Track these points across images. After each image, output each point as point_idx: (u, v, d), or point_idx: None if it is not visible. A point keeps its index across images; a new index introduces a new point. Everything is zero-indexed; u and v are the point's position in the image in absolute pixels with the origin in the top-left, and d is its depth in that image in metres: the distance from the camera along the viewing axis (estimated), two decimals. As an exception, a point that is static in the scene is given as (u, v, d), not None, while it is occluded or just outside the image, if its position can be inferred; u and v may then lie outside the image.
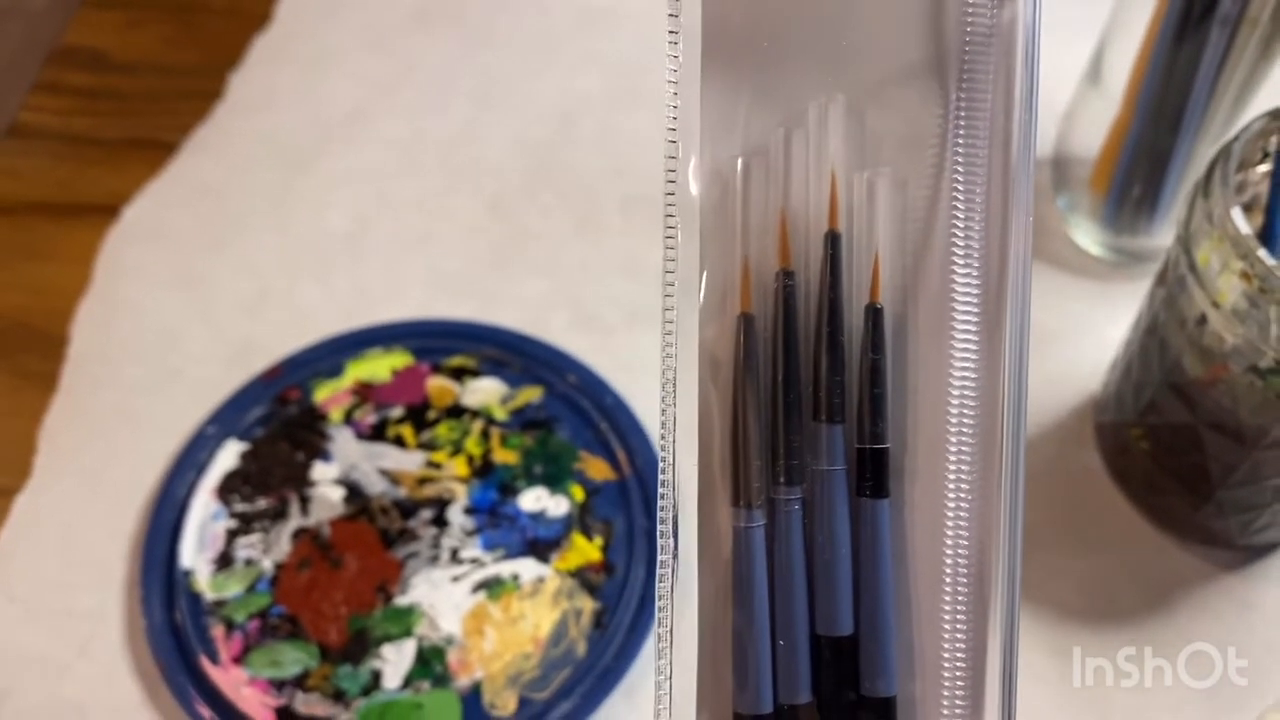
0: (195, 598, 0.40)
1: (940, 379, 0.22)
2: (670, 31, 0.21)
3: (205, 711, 0.38)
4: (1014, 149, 0.21)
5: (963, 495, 0.22)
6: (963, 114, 0.22)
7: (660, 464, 0.22)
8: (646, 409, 0.44)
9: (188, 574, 0.41)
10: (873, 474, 0.22)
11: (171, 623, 0.40)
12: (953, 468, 0.22)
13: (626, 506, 0.42)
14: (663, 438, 0.22)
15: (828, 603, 0.22)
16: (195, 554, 0.41)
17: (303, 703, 0.38)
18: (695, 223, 0.22)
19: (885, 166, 0.22)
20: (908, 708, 0.22)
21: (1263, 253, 0.31)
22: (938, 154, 0.22)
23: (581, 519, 0.42)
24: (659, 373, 0.22)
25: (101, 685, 0.39)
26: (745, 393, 0.22)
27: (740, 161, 0.22)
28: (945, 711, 0.22)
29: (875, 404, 0.22)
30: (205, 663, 0.39)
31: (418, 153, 0.53)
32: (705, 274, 0.22)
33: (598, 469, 0.43)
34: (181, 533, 0.42)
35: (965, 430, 0.22)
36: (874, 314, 0.22)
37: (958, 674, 0.22)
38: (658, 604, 0.22)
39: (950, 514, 0.22)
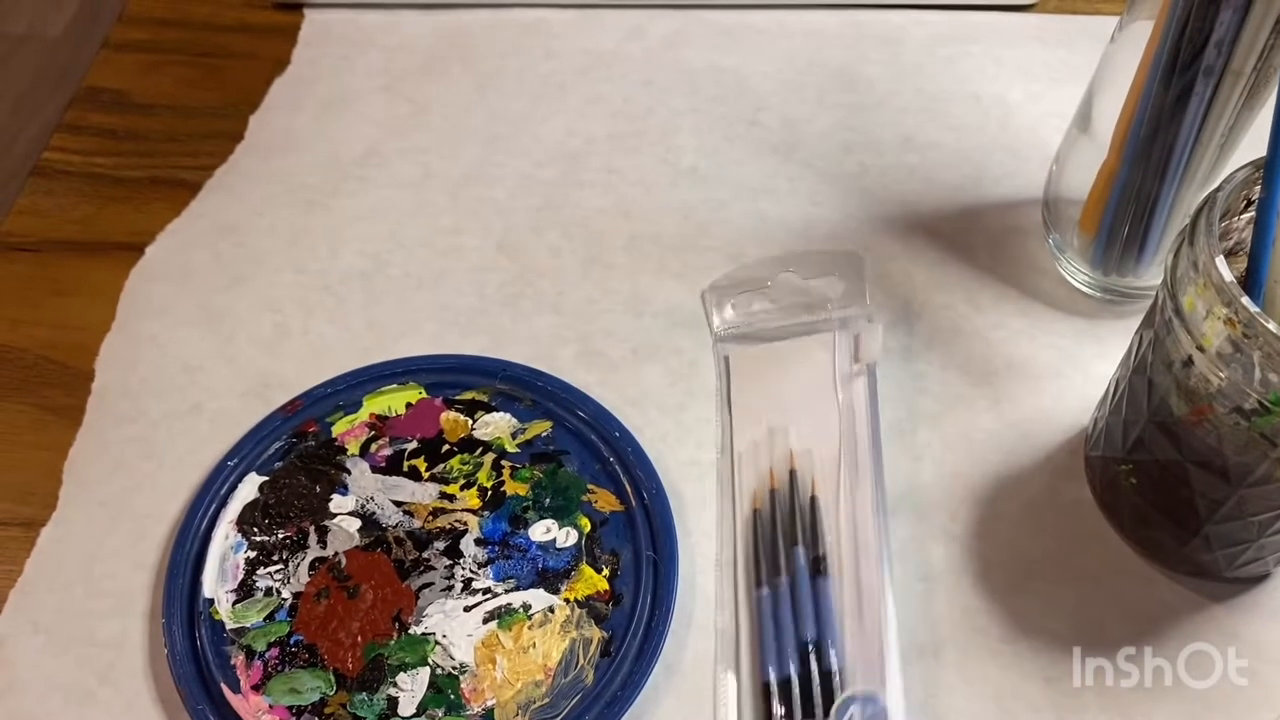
0: (216, 626, 0.42)
1: (843, 523, 0.44)
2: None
3: (226, 738, 0.39)
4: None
5: (860, 571, 0.43)
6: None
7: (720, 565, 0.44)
8: (652, 441, 0.46)
9: (209, 603, 0.42)
10: (818, 565, 0.43)
11: (193, 651, 0.41)
12: (851, 563, 0.43)
13: (633, 537, 0.44)
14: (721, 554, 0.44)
15: (804, 623, 0.41)
16: (216, 584, 0.43)
17: (320, 729, 0.39)
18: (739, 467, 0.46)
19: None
20: (842, 674, 0.40)
21: (1246, 300, 0.33)
22: (838, 448, 0.45)
23: (589, 549, 0.43)
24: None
25: (124, 713, 0.41)
26: (758, 538, 0.44)
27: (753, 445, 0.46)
28: (861, 675, 0.40)
29: (815, 537, 0.43)
30: (226, 690, 0.40)
31: (429, 193, 0.55)
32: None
33: (605, 500, 0.45)
34: (203, 563, 0.43)
35: (857, 545, 0.43)
36: (813, 500, 0.44)
37: (870, 653, 0.40)
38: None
39: (856, 582, 0.42)
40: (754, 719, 0.40)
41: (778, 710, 0.39)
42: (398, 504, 0.45)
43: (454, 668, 0.41)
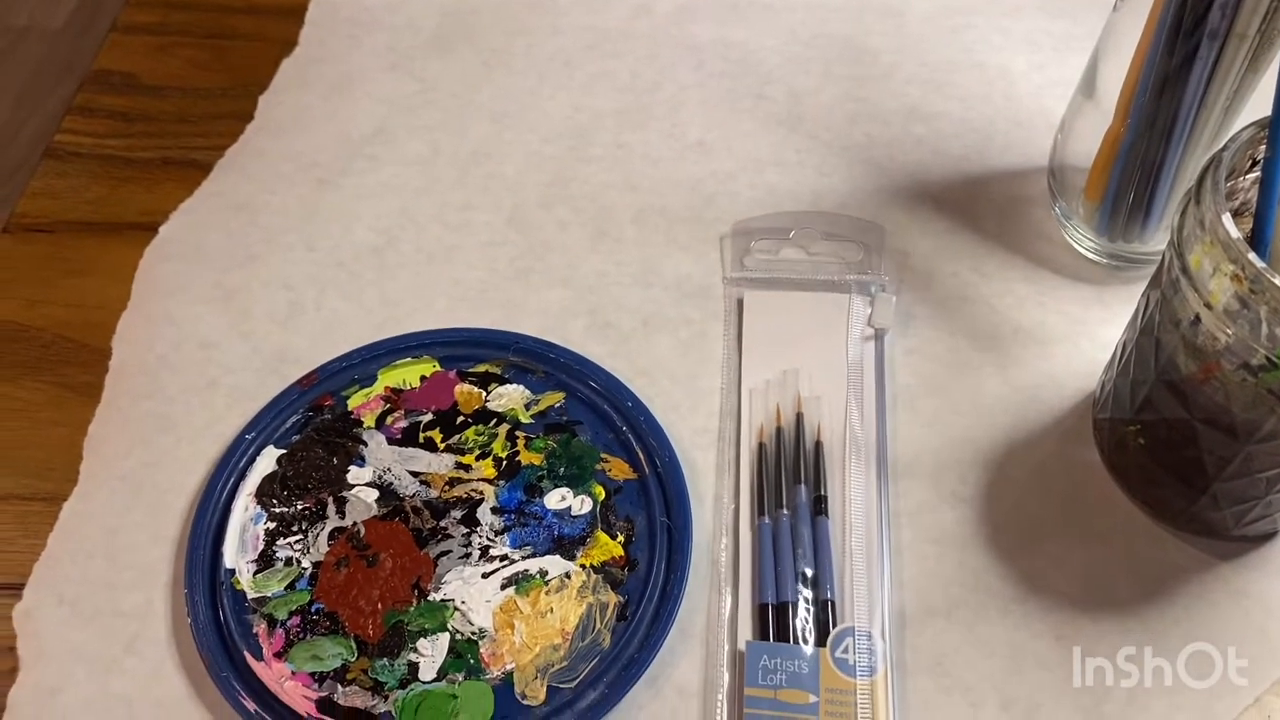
0: (238, 596, 0.42)
1: (845, 474, 0.45)
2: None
3: (250, 705, 0.40)
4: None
5: (853, 514, 0.44)
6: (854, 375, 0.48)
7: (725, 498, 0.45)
8: (664, 411, 0.47)
9: (230, 574, 0.43)
10: (819, 505, 0.44)
11: (215, 620, 0.42)
12: (848, 504, 0.44)
13: (647, 504, 0.44)
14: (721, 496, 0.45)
15: (803, 556, 0.43)
16: (237, 555, 0.43)
17: (343, 695, 0.40)
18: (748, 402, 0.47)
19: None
20: (838, 605, 0.41)
21: (1252, 256, 0.33)
22: (844, 403, 0.46)
23: (604, 517, 0.44)
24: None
25: (149, 681, 0.41)
26: (762, 471, 0.45)
27: (764, 383, 0.48)
28: (858, 609, 0.41)
29: (817, 477, 0.45)
30: (249, 658, 0.41)
31: (439, 169, 0.55)
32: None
33: (619, 469, 0.45)
34: (223, 535, 0.44)
35: (854, 487, 0.44)
36: (817, 445, 0.46)
37: (866, 597, 0.42)
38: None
39: (849, 521, 0.44)
40: (751, 639, 0.41)
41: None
42: (414, 474, 0.45)
43: (473, 633, 0.41)
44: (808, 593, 0.41)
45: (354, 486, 0.45)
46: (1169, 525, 0.43)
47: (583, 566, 0.43)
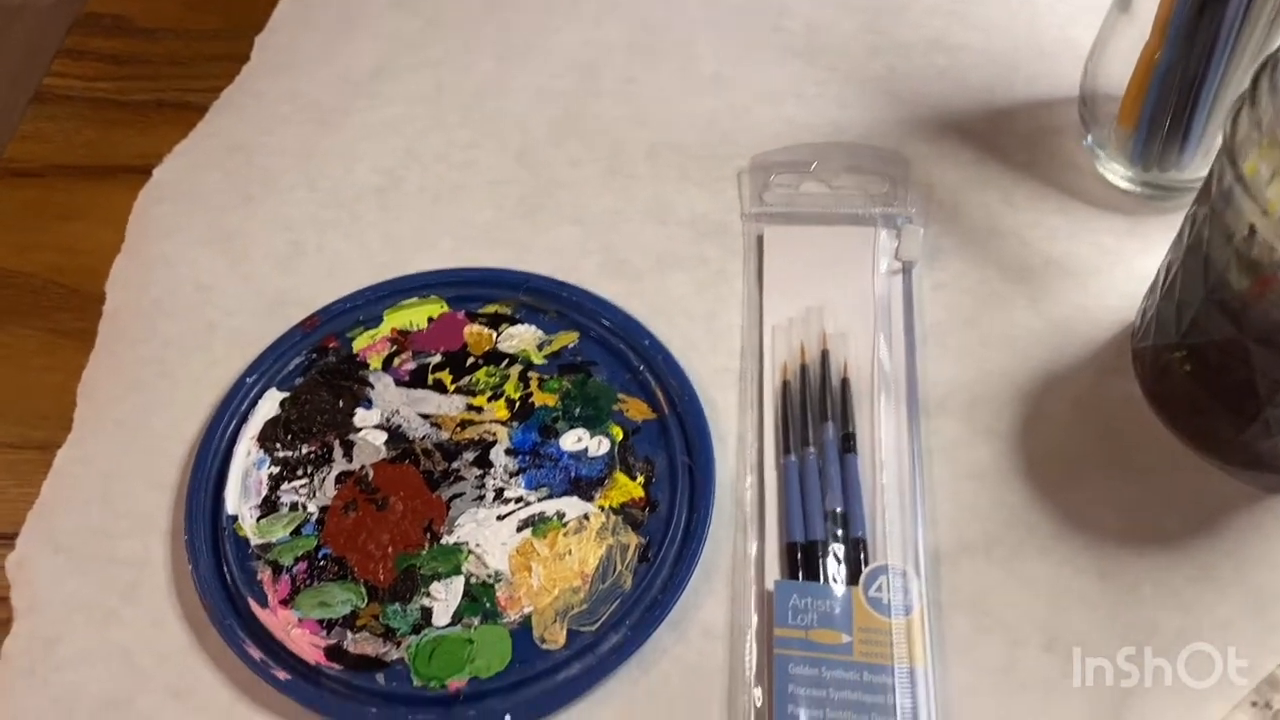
0: (240, 543, 0.40)
1: (874, 411, 0.43)
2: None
3: (255, 653, 0.38)
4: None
5: (883, 451, 0.42)
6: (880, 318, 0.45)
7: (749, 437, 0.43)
8: (682, 350, 0.45)
9: (232, 520, 0.41)
10: (847, 443, 0.42)
11: (218, 568, 0.40)
12: (878, 441, 0.42)
13: (667, 444, 0.42)
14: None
15: (832, 494, 0.41)
16: (239, 501, 0.41)
17: (352, 642, 0.38)
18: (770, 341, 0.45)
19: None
20: (870, 544, 0.40)
21: (1314, 157, 0.31)
22: (872, 339, 0.45)
23: (623, 457, 0.42)
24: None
25: (149, 630, 0.39)
26: (787, 409, 0.43)
27: (787, 320, 0.46)
28: (891, 547, 0.40)
29: (845, 414, 0.43)
30: (253, 606, 0.39)
31: (443, 107, 0.53)
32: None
33: (637, 409, 0.43)
34: (224, 480, 0.42)
35: (884, 424, 0.43)
36: (844, 382, 0.44)
37: (899, 534, 0.40)
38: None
39: (878, 458, 0.42)
40: (780, 579, 0.39)
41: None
42: (424, 417, 0.43)
43: (489, 576, 0.39)
44: (838, 531, 0.39)
45: (361, 429, 0.43)
46: (1215, 458, 0.41)
47: (601, 508, 0.41)
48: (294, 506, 0.41)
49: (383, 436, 0.43)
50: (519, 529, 0.40)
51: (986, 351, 0.44)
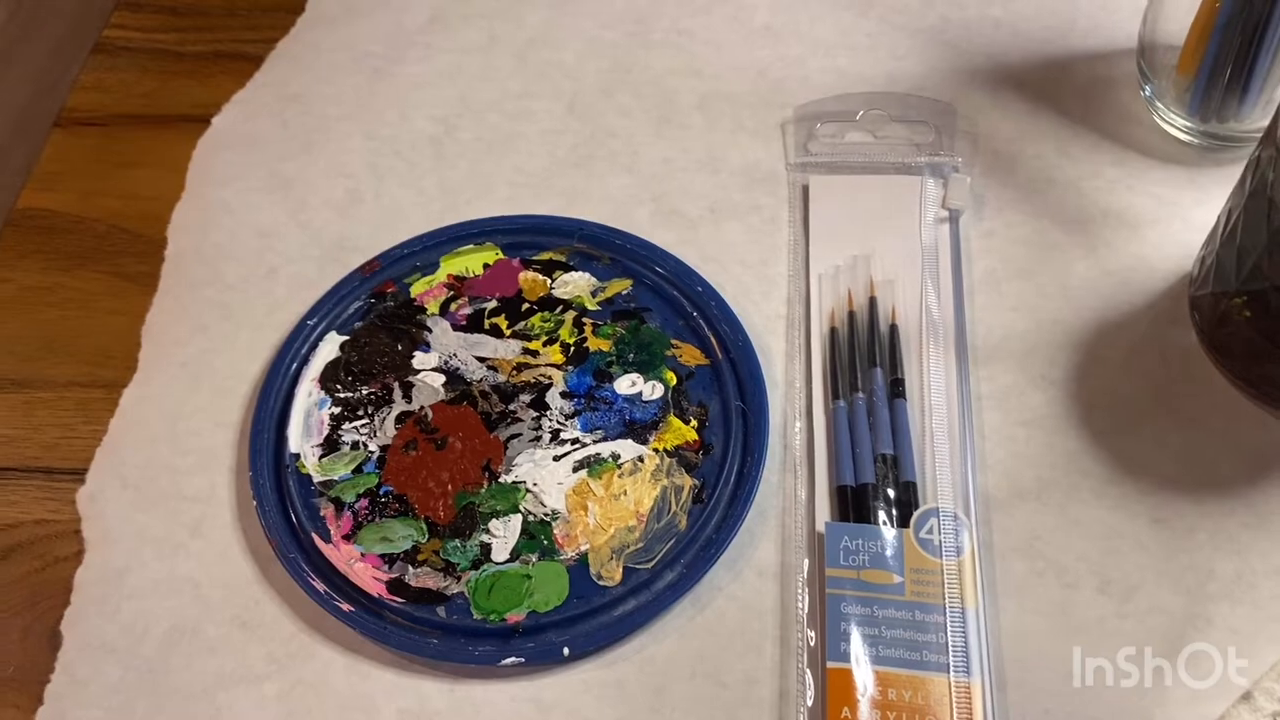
0: (303, 480, 0.41)
1: (924, 357, 0.43)
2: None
3: (320, 586, 0.39)
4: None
5: (932, 396, 0.42)
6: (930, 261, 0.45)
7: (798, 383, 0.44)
8: (735, 297, 0.45)
9: (295, 458, 0.42)
10: (896, 388, 0.42)
11: (281, 504, 0.41)
12: (927, 387, 0.43)
13: (720, 389, 0.43)
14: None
15: (881, 438, 0.41)
16: (301, 439, 0.42)
17: (414, 576, 0.39)
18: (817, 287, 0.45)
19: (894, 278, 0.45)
20: (920, 487, 0.40)
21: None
22: (920, 287, 0.45)
23: (677, 402, 0.42)
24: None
25: (215, 562, 0.40)
26: (835, 355, 0.44)
27: (834, 268, 0.46)
28: (942, 491, 0.40)
29: (894, 360, 0.43)
30: (317, 540, 0.40)
31: (496, 57, 0.54)
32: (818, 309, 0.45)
33: (690, 355, 0.44)
34: (287, 420, 0.43)
35: (933, 370, 0.43)
36: (893, 328, 0.44)
37: (950, 478, 0.40)
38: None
39: (928, 404, 0.42)
40: (831, 520, 0.39)
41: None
42: (481, 360, 0.44)
43: (546, 514, 0.40)
44: (888, 474, 0.40)
45: (420, 372, 0.44)
46: (1272, 406, 0.41)
47: (656, 450, 0.41)
48: (355, 445, 0.42)
49: (441, 379, 0.44)
50: (575, 469, 0.41)
51: (1040, 300, 0.44)
